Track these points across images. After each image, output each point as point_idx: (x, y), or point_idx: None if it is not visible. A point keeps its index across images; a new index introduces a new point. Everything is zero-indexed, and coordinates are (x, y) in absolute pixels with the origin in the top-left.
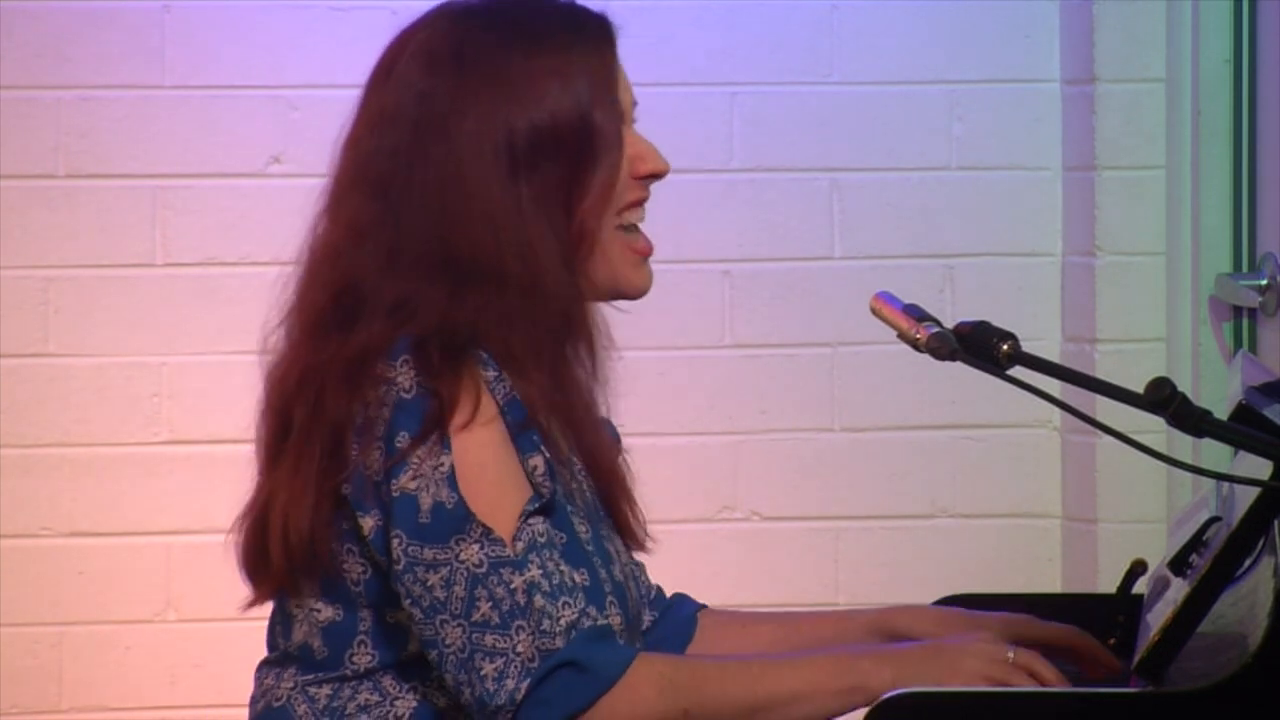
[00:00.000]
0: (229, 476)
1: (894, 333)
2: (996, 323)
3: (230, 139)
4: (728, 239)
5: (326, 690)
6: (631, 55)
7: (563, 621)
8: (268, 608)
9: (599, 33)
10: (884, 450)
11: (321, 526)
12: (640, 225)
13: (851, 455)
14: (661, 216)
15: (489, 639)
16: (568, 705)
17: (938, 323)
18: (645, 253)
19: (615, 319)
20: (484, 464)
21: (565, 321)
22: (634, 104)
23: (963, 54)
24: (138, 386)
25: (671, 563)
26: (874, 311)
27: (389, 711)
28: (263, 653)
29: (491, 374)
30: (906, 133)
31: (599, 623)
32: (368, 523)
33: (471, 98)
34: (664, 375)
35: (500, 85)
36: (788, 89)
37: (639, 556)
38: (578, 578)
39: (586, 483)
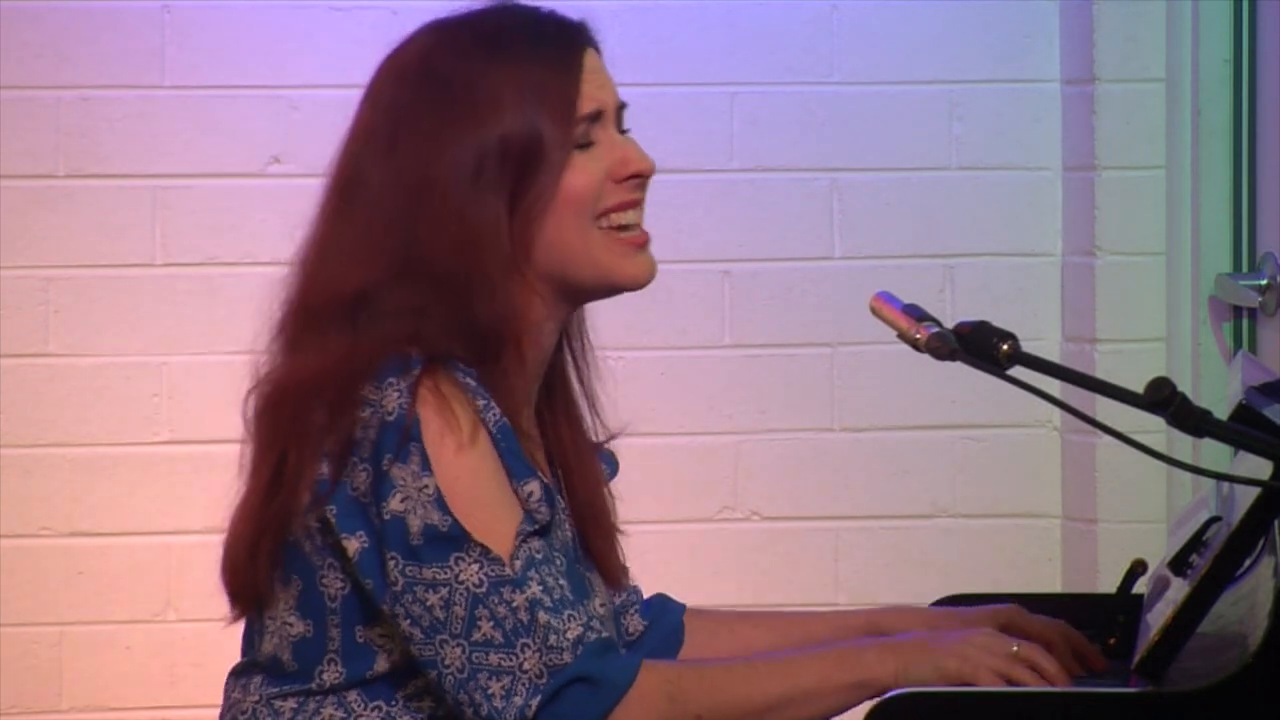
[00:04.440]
0: (229, 476)
1: (894, 333)
2: (996, 323)
3: (230, 139)
4: (728, 239)
5: (291, 704)
6: (631, 55)
7: (569, 636)
8: None
9: (568, 40)
10: (884, 450)
11: (263, 555)
12: (638, 223)
13: (851, 455)
14: (662, 216)
15: (493, 658)
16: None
17: (938, 323)
18: (637, 242)
19: (615, 318)
20: (476, 487)
21: (496, 330)
22: (621, 105)
23: (963, 54)
24: (138, 386)
25: (672, 563)
26: (874, 311)
27: None
28: None
29: (481, 402)
30: (906, 133)
31: (603, 635)
32: (352, 544)
33: (430, 109)
34: (664, 375)
35: (456, 96)
36: (788, 89)
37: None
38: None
39: (566, 520)
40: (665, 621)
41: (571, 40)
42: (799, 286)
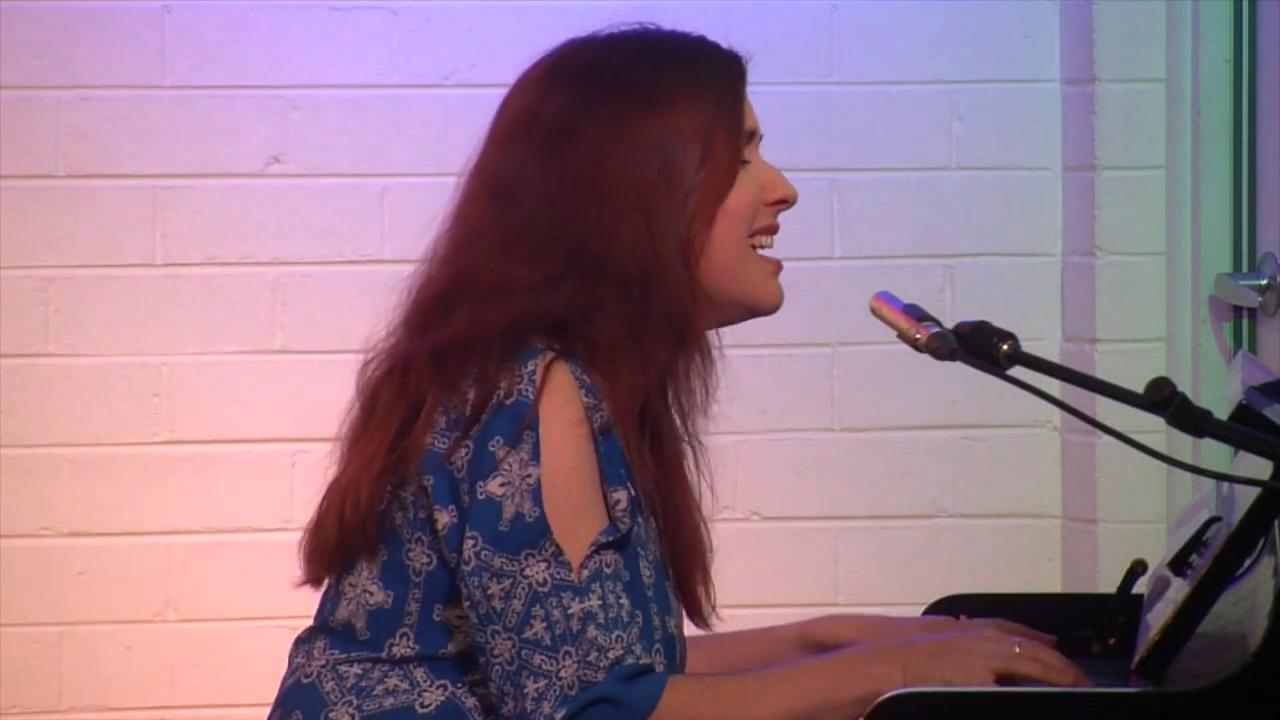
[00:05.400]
0: (229, 476)
1: (894, 333)
2: (996, 323)
3: (230, 139)
4: None
5: (356, 670)
6: None
7: (610, 656)
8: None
9: (729, 61)
10: (884, 450)
11: (376, 501)
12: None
13: (851, 455)
14: None
15: (536, 659)
16: None
17: (938, 323)
18: (777, 266)
19: None
20: (571, 485)
21: (681, 324)
22: (760, 136)
23: (963, 54)
24: (138, 386)
25: None
26: (874, 311)
27: (415, 700)
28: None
29: (590, 401)
30: (906, 133)
31: (641, 661)
32: (443, 517)
33: (599, 103)
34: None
35: (629, 92)
36: (788, 89)
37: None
38: (636, 615)
39: (658, 541)
40: None
41: (733, 61)
42: (799, 286)
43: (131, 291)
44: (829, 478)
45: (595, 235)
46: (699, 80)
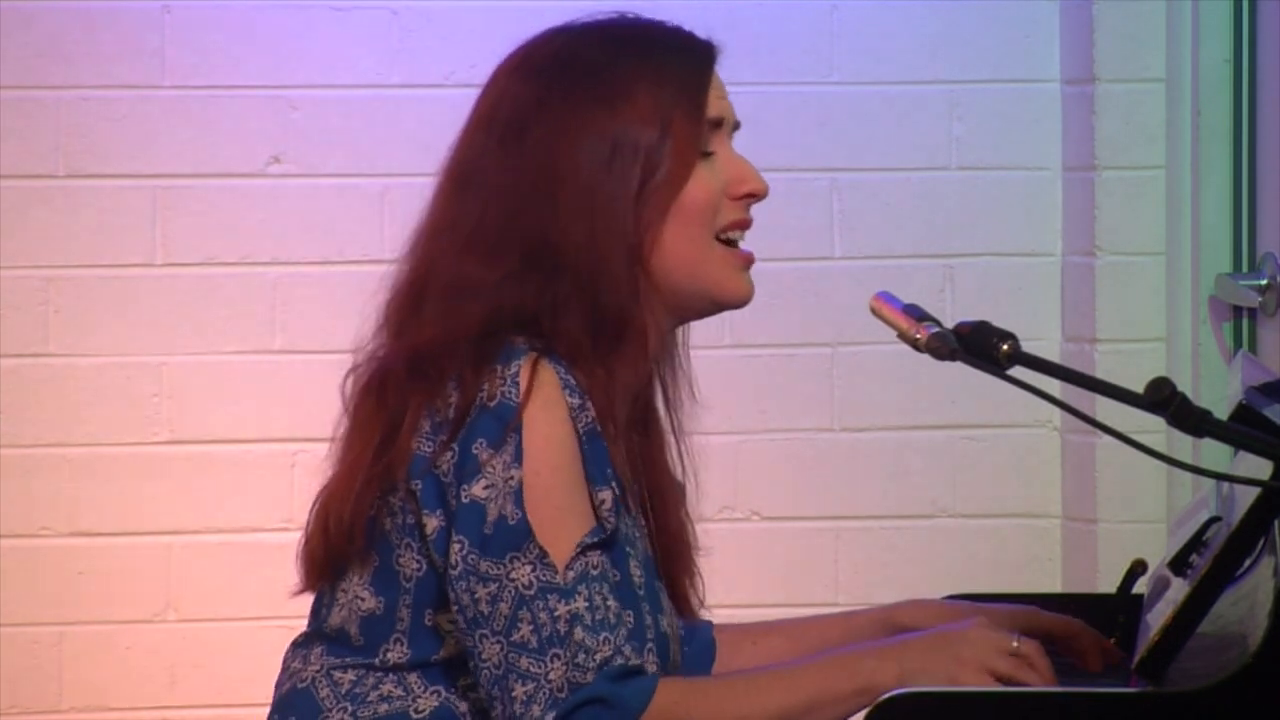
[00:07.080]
0: (229, 476)
1: (894, 333)
2: (996, 323)
3: (230, 139)
4: None
5: (351, 676)
6: None
7: (598, 657)
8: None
9: (697, 51)
10: (884, 450)
11: (362, 512)
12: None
13: (851, 455)
14: None
15: (524, 661)
16: None
17: (938, 323)
18: (746, 259)
19: None
20: (553, 487)
21: (620, 319)
22: (736, 125)
23: (963, 54)
24: (138, 386)
25: None
26: (874, 311)
27: (409, 706)
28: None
29: (576, 401)
30: (906, 133)
31: (630, 662)
32: (431, 522)
33: (562, 100)
34: None
35: (583, 85)
36: (788, 89)
37: None
38: (625, 616)
39: (646, 538)
40: (697, 641)
41: (701, 49)
42: (799, 286)
43: (131, 291)
44: (829, 478)
45: (546, 232)
46: (659, 70)
